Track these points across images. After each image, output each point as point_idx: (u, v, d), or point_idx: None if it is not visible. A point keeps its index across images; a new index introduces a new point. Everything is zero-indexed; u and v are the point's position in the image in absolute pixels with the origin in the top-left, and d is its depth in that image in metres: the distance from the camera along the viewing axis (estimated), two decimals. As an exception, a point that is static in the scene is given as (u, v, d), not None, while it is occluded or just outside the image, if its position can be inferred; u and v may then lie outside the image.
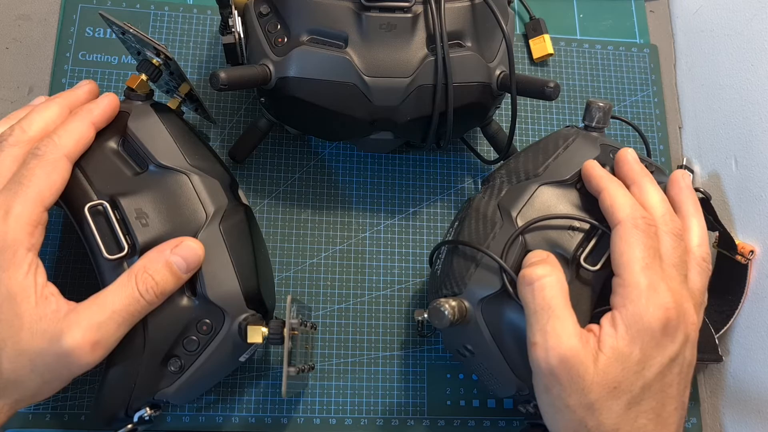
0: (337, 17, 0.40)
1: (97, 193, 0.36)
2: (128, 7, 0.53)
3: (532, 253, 0.35)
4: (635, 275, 0.33)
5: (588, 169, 0.38)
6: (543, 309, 0.32)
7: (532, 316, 0.33)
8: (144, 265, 0.34)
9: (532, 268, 0.34)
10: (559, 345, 0.31)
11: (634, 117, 0.55)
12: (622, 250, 0.34)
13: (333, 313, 0.47)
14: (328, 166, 0.51)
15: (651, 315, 0.32)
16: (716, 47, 0.52)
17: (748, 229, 0.46)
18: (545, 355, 0.32)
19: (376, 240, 0.49)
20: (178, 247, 0.34)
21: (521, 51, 0.56)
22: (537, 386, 0.34)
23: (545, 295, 0.33)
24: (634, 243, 0.33)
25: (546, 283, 0.33)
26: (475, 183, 0.52)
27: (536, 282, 0.33)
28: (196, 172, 0.38)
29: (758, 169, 0.45)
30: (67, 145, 0.35)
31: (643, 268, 0.33)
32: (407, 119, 0.41)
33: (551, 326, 0.32)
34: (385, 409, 0.46)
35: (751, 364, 0.44)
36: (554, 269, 0.34)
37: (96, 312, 0.32)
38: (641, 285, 0.32)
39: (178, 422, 0.44)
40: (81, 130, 0.36)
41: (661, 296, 0.32)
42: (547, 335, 0.32)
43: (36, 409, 0.43)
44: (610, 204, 0.35)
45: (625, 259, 0.33)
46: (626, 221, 0.34)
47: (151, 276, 0.33)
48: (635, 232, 0.34)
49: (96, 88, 0.40)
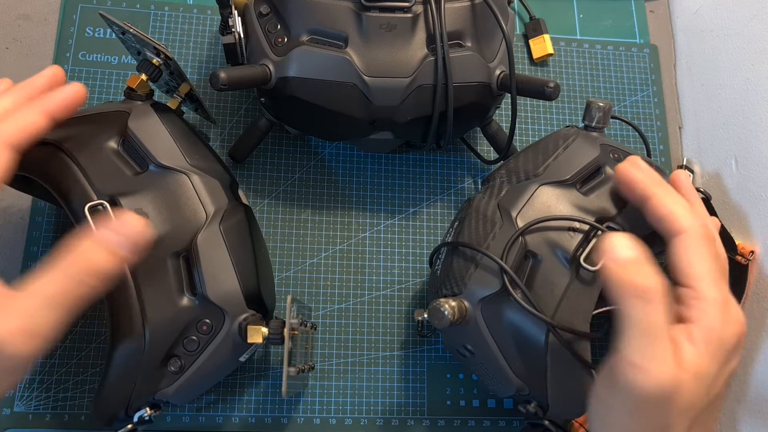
0: (337, 17, 0.40)
1: (97, 193, 0.36)
2: (128, 7, 0.53)
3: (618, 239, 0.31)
4: (711, 288, 0.31)
5: (626, 174, 0.35)
6: (655, 330, 0.29)
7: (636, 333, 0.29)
8: (78, 246, 0.31)
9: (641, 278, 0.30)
10: (664, 371, 0.29)
11: (634, 117, 0.55)
12: (692, 260, 0.31)
13: (333, 313, 0.47)
14: (328, 166, 0.51)
15: (729, 331, 0.31)
16: (716, 47, 0.52)
17: (748, 230, 0.46)
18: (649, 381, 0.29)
19: (376, 240, 0.49)
20: (111, 222, 0.32)
21: (521, 51, 0.56)
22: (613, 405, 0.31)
23: (659, 313, 0.29)
24: (705, 254, 0.32)
25: (662, 300, 0.29)
26: (475, 183, 0.52)
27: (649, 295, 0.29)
28: (196, 172, 0.38)
29: (758, 169, 0.45)
30: (9, 132, 0.33)
31: (716, 280, 0.31)
32: (407, 119, 0.41)
33: (660, 350, 0.29)
34: (385, 409, 0.46)
35: (752, 365, 0.44)
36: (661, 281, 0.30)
37: (26, 299, 0.29)
38: (718, 300, 0.31)
39: (178, 422, 0.44)
40: (29, 119, 0.34)
41: (734, 312, 0.31)
42: (654, 360, 0.29)
43: (36, 409, 0.43)
44: (668, 212, 0.33)
45: (695, 271, 0.31)
46: (692, 230, 0.32)
47: (82, 255, 0.30)
48: (704, 241, 0.32)
49: (61, 73, 0.37)
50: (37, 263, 0.45)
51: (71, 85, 0.36)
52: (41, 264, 0.30)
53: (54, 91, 0.35)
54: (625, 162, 0.36)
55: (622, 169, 0.36)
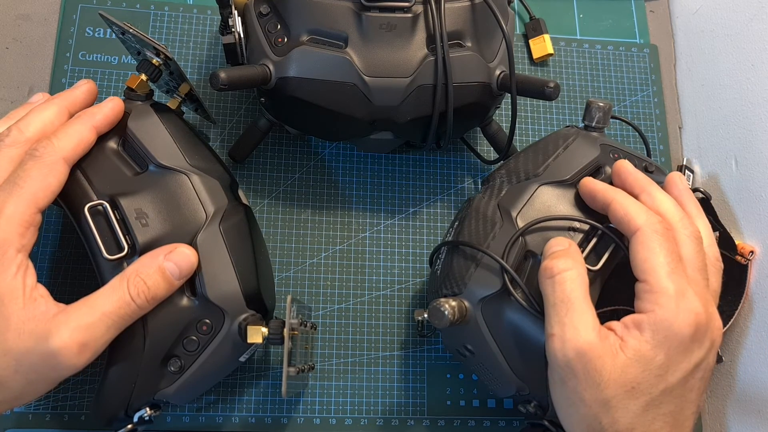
0: (337, 17, 0.39)
1: (97, 193, 0.36)
2: (128, 7, 0.53)
3: (553, 241, 0.35)
4: (662, 280, 0.32)
5: (588, 185, 0.37)
6: (562, 302, 0.32)
7: (551, 308, 0.33)
8: (137, 270, 0.33)
9: (554, 261, 0.33)
10: (577, 337, 0.31)
11: (634, 117, 0.55)
12: (645, 256, 0.33)
13: (333, 313, 0.47)
14: (328, 166, 0.51)
15: (681, 321, 0.32)
16: (716, 47, 0.52)
17: (748, 230, 0.46)
18: (562, 347, 0.32)
19: (376, 240, 0.49)
20: (172, 253, 0.34)
21: (521, 51, 0.56)
22: (552, 379, 0.34)
23: (566, 288, 0.32)
24: (656, 248, 0.33)
25: (567, 276, 0.33)
26: (475, 183, 0.52)
27: (557, 275, 0.33)
28: (196, 172, 0.38)
29: (758, 169, 0.45)
30: (66, 147, 0.34)
31: (669, 273, 0.32)
32: (407, 119, 0.41)
33: (569, 318, 0.32)
34: (385, 409, 0.46)
35: (752, 365, 0.44)
36: (576, 262, 0.33)
37: (85, 313, 0.32)
38: (669, 290, 0.32)
39: (178, 422, 0.44)
40: (81, 134, 0.35)
41: (690, 302, 0.32)
42: (565, 327, 0.32)
43: (36, 409, 0.43)
44: (624, 213, 0.35)
45: (649, 265, 0.33)
46: (645, 227, 0.34)
47: (144, 280, 0.33)
48: (656, 236, 0.33)
49: (94, 87, 0.39)
50: (37, 263, 0.45)
51: (110, 99, 0.38)
52: None
53: (100, 107, 0.37)
54: (587, 178, 0.38)
55: (584, 182, 0.38)
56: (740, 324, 0.45)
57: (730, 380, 0.46)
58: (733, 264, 0.45)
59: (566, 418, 0.34)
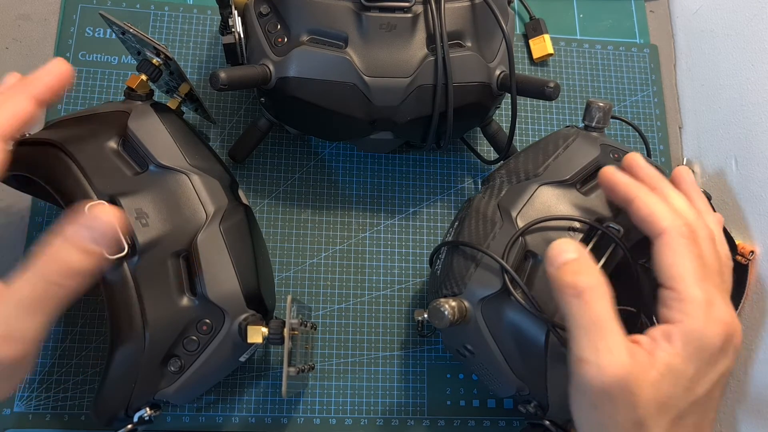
0: (337, 17, 0.40)
1: (97, 193, 0.36)
2: (128, 7, 0.53)
3: (560, 246, 0.32)
4: (691, 288, 0.31)
5: (609, 176, 0.35)
6: (594, 324, 0.30)
7: (580, 331, 0.30)
8: (49, 246, 0.29)
9: (576, 276, 0.30)
10: (613, 363, 0.29)
11: (634, 117, 0.55)
12: (672, 261, 0.31)
13: (333, 313, 0.47)
14: (328, 166, 0.51)
15: (711, 332, 0.30)
16: (716, 47, 0.52)
17: (748, 230, 0.46)
18: (599, 374, 0.29)
19: (376, 240, 0.49)
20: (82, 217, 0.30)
21: (521, 51, 0.56)
22: (580, 403, 0.31)
23: (595, 308, 0.30)
24: (684, 253, 0.31)
25: (596, 294, 0.30)
26: (475, 183, 0.52)
27: (585, 293, 0.30)
28: (196, 172, 0.38)
29: (758, 169, 0.45)
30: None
31: (698, 280, 0.31)
32: (407, 119, 0.41)
33: (604, 343, 0.29)
34: (385, 409, 0.46)
35: (752, 365, 0.44)
36: (600, 277, 0.31)
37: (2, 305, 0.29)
38: (699, 299, 0.30)
39: (178, 422, 0.44)
40: (17, 106, 0.32)
41: (719, 311, 0.31)
42: (599, 353, 0.29)
43: (36, 409, 0.43)
44: (648, 213, 0.33)
45: (677, 271, 0.31)
46: (671, 230, 0.32)
47: (55, 255, 0.29)
48: (683, 241, 0.32)
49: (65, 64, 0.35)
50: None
51: (54, 63, 0.34)
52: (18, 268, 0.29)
53: (38, 75, 0.34)
54: (608, 167, 0.36)
55: (604, 172, 0.36)
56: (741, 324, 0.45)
57: (731, 380, 0.46)
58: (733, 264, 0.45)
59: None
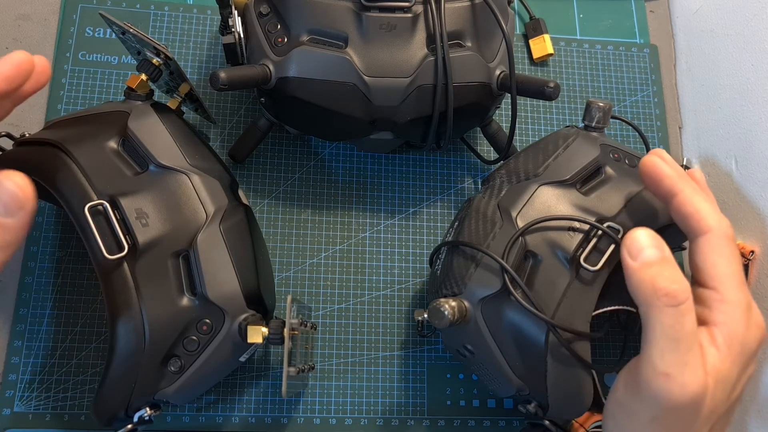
0: (337, 17, 0.40)
1: (97, 193, 0.36)
2: (128, 7, 0.53)
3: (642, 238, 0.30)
4: (735, 292, 0.30)
5: (654, 166, 0.34)
6: (686, 338, 0.28)
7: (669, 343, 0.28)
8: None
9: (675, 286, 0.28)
10: (696, 381, 0.28)
11: (634, 117, 0.55)
12: (716, 262, 0.31)
13: (333, 313, 0.47)
14: (328, 166, 0.51)
15: (752, 336, 0.30)
16: (716, 47, 0.52)
17: (748, 230, 0.46)
18: (680, 391, 0.28)
19: (376, 240, 0.49)
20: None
21: (521, 51, 0.56)
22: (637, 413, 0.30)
23: (689, 321, 0.28)
24: (730, 256, 0.31)
25: (691, 306, 0.29)
26: (475, 183, 0.52)
27: (682, 305, 0.28)
28: (196, 172, 0.38)
29: (758, 169, 0.45)
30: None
31: (740, 284, 0.31)
32: (407, 119, 0.41)
33: (691, 358, 0.28)
34: (385, 409, 0.46)
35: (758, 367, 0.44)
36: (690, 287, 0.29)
37: None
38: (742, 303, 0.30)
39: (178, 422, 0.44)
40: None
41: (756, 315, 0.31)
42: (685, 368, 0.28)
43: (36, 409, 0.43)
44: (694, 211, 0.32)
45: (721, 273, 0.31)
46: (717, 230, 0.31)
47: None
48: (727, 242, 0.31)
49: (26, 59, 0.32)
50: (37, 263, 0.45)
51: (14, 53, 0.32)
52: None
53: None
54: (651, 154, 0.35)
55: (650, 161, 0.34)
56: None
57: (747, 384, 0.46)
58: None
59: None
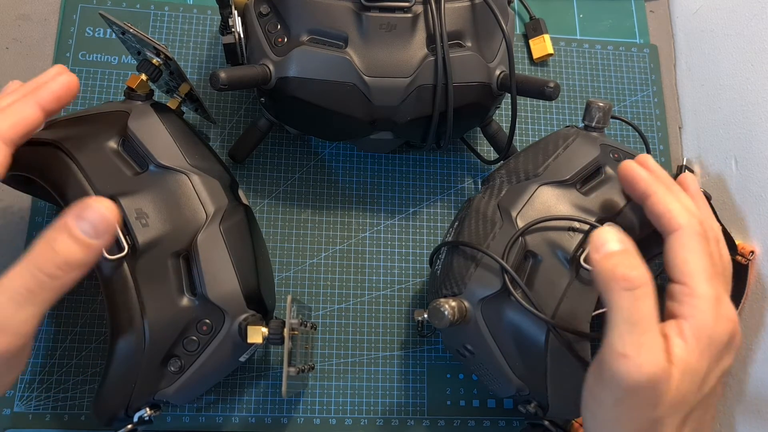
0: (337, 17, 0.40)
1: (97, 193, 0.36)
2: (128, 7, 0.53)
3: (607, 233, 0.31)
4: (703, 285, 0.31)
5: (629, 170, 0.36)
6: (642, 320, 0.29)
7: (626, 325, 0.29)
8: (44, 236, 0.29)
9: (632, 271, 0.30)
10: (652, 362, 0.29)
11: (634, 117, 0.55)
12: (686, 257, 0.32)
13: (333, 313, 0.47)
14: (328, 166, 0.51)
15: (720, 328, 0.31)
16: (716, 47, 0.52)
17: (748, 230, 0.46)
18: (636, 371, 0.29)
19: (376, 240, 0.49)
20: (82, 210, 0.30)
21: (521, 51, 0.56)
22: (600, 396, 0.31)
23: (646, 305, 0.30)
24: (699, 251, 0.32)
25: (648, 291, 0.30)
26: (475, 183, 0.52)
27: (638, 289, 0.30)
28: (196, 172, 0.38)
29: (758, 169, 0.45)
30: (3, 127, 0.32)
31: (709, 277, 0.31)
32: (407, 119, 0.41)
33: (647, 340, 0.29)
34: (385, 409, 0.46)
35: (751, 365, 0.44)
36: (650, 275, 0.30)
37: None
38: (710, 296, 0.31)
39: (178, 422, 0.44)
40: (22, 113, 0.33)
41: (727, 308, 0.31)
42: (641, 349, 0.29)
43: (36, 409, 0.43)
44: (665, 210, 0.33)
45: (689, 268, 0.31)
46: (687, 228, 0.32)
47: (51, 246, 0.29)
48: (697, 239, 0.32)
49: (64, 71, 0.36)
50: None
51: (63, 75, 0.35)
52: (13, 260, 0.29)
53: (46, 83, 0.34)
54: (629, 161, 0.36)
55: (625, 166, 0.36)
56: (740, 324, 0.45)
57: (731, 380, 0.46)
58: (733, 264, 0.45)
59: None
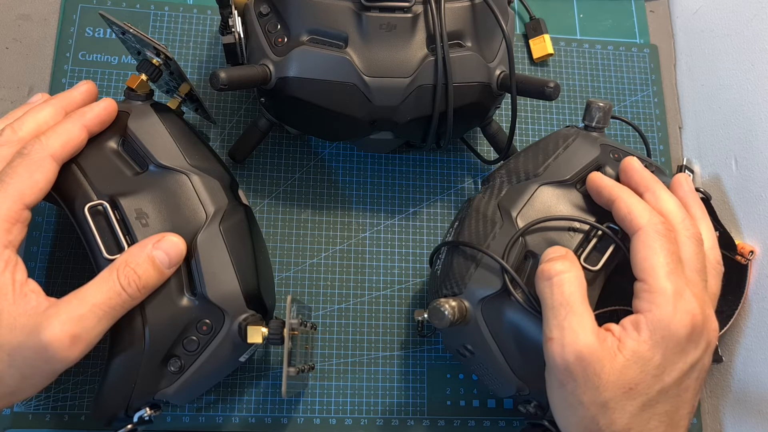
0: (337, 17, 0.40)
1: (97, 193, 0.36)
2: (128, 7, 0.53)
3: (551, 249, 0.35)
4: (661, 281, 0.32)
5: (595, 180, 0.38)
6: (561, 305, 0.32)
7: (550, 311, 0.33)
8: (126, 260, 0.33)
9: (551, 264, 0.34)
10: (576, 341, 0.31)
11: (634, 117, 0.55)
12: (645, 255, 0.33)
13: (333, 313, 0.47)
14: (328, 166, 0.51)
15: (678, 321, 0.32)
16: (716, 47, 0.52)
17: (748, 230, 0.46)
18: (561, 351, 0.31)
19: (376, 240, 0.49)
20: (160, 242, 0.34)
21: (521, 51, 0.56)
22: (550, 382, 0.34)
23: (564, 290, 0.32)
24: (657, 248, 0.33)
25: (565, 278, 0.33)
26: (475, 183, 0.52)
27: (555, 277, 0.33)
28: (196, 172, 0.38)
29: (758, 169, 0.45)
30: (54, 145, 0.34)
31: (668, 273, 0.33)
32: (407, 119, 0.41)
33: (569, 322, 0.32)
34: (385, 409, 0.46)
35: (752, 365, 0.44)
36: (573, 265, 0.34)
37: (76, 306, 0.32)
38: (667, 291, 0.32)
39: (178, 422, 0.44)
40: (70, 132, 0.35)
41: (687, 302, 0.32)
42: (564, 331, 0.32)
43: (36, 409, 0.43)
44: (627, 212, 0.35)
45: (648, 265, 0.33)
46: (647, 227, 0.34)
47: (133, 270, 0.33)
48: (657, 237, 0.34)
49: (94, 88, 0.39)
50: (37, 263, 0.45)
51: (103, 100, 0.38)
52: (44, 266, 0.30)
53: (91, 106, 0.37)
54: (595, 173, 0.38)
55: (591, 177, 0.38)
56: (739, 324, 0.45)
57: (729, 380, 0.46)
58: (733, 264, 0.45)
59: (563, 420, 0.34)
